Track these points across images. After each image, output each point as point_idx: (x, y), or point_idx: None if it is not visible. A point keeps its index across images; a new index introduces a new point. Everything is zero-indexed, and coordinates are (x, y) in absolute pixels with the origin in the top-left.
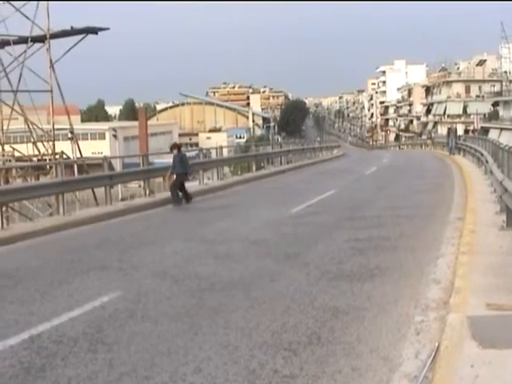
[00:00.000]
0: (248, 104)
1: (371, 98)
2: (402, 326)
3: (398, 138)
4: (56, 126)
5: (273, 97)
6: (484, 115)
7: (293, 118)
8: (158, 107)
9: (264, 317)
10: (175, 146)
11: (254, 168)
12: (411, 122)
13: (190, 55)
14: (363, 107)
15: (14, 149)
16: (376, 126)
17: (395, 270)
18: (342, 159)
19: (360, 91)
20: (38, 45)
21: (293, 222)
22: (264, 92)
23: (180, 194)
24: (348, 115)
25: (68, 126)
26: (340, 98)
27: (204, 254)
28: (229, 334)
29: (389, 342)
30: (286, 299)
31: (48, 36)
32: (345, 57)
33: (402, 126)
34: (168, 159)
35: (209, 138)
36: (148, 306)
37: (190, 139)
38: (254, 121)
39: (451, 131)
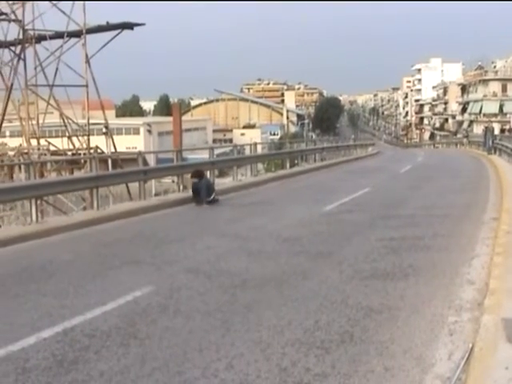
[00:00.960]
0: (282, 101)
1: (406, 96)
2: (435, 326)
3: (432, 136)
4: (91, 121)
5: (307, 94)
6: None
7: (327, 115)
8: (193, 103)
9: (296, 314)
10: (196, 174)
11: (287, 165)
12: (446, 120)
13: (225, 51)
14: (398, 105)
15: (49, 143)
16: (411, 124)
17: (429, 270)
18: (376, 157)
19: (395, 89)
20: (73, 40)
21: (326, 219)
22: (299, 89)
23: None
24: (383, 113)
25: (103, 121)
26: (375, 95)
27: (237, 250)
28: (261, 330)
29: (422, 342)
30: (318, 297)
31: (84, 31)
32: (380, 54)
33: (437, 125)
34: (202, 155)
35: (243, 134)
36: (180, 301)
37: (224, 135)
38: (288, 118)
39: (488, 130)
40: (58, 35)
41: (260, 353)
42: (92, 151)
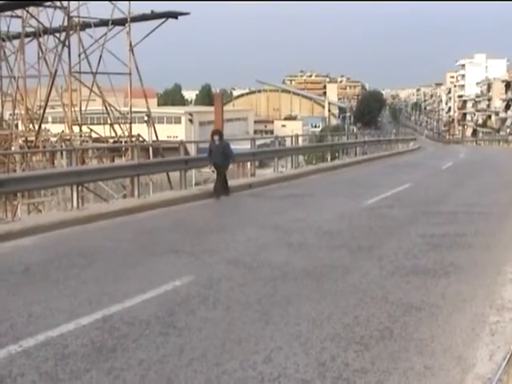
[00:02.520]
0: (324, 93)
1: (449, 92)
2: (476, 325)
3: (475, 133)
4: (133, 109)
5: (349, 87)
6: None
7: (369, 108)
8: (235, 93)
9: (336, 309)
10: (217, 133)
11: (328, 158)
12: (489, 117)
13: (268, 42)
14: (441, 101)
15: (91, 130)
16: (453, 120)
17: (470, 268)
18: (417, 152)
19: (438, 84)
20: (118, 28)
21: (367, 214)
22: (341, 82)
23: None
24: (425, 108)
25: (145, 109)
26: (418, 90)
27: (277, 242)
28: (300, 324)
29: (462, 341)
30: (358, 292)
31: (129, 19)
32: (424, 49)
33: (480, 121)
34: (243, 146)
35: (284, 125)
36: (220, 292)
37: (265, 126)
38: (329, 110)
39: None
40: (103, 23)
41: (299, 346)
42: (134, 139)
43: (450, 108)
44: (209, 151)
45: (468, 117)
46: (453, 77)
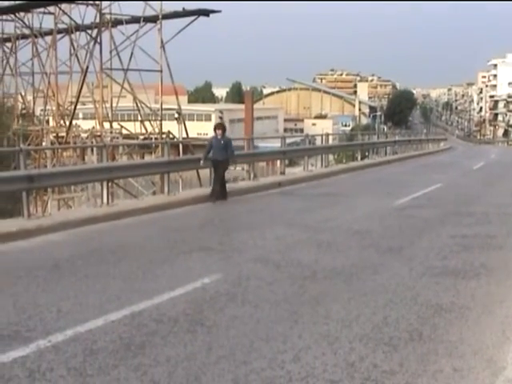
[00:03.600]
0: (355, 92)
1: (481, 92)
2: (506, 328)
3: (506, 133)
4: (163, 106)
5: (380, 86)
6: None
7: (400, 108)
8: (265, 91)
9: (365, 309)
10: (220, 127)
11: (358, 157)
12: None
13: (299, 40)
14: (472, 100)
15: (121, 126)
16: (484, 120)
17: (501, 270)
18: (448, 152)
19: (469, 84)
20: (149, 25)
21: (397, 213)
22: (372, 80)
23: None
24: (456, 108)
25: (175, 106)
26: (449, 89)
27: (306, 241)
28: (329, 324)
29: (493, 343)
30: (388, 292)
31: (160, 16)
32: (455, 48)
33: None
34: (273, 144)
35: (314, 124)
36: (248, 290)
37: (295, 125)
38: (360, 109)
39: None
40: (134, 20)
41: (327, 346)
42: (164, 136)
43: (481, 108)
44: (208, 146)
45: (499, 117)
46: (484, 76)
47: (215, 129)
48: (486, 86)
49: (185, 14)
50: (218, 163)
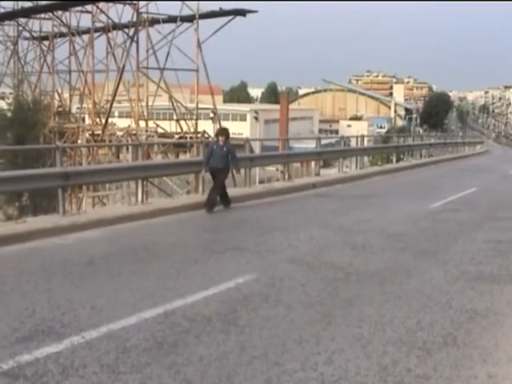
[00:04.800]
0: (391, 94)
1: None
2: None
3: None
4: (199, 105)
5: (416, 88)
6: None
7: (436, 110)
8: (300, 92)
9: (399, 312)
10: (223, 132)
11: (394, 159)
12: None
13: (335, 41)
14: (509, 104)
15: (157, 125)
16: None
17: None
18: (484, 156)
19: (507, 87)
20: (186, 24)
21: (432, 217)
22: (408, 82)
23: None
24: (493, 111)
25: (210, 106)
26: (486, 92)
27: (340, 243)
28: (362, 326)
29: None
30: (422, 296)
31: (197, 16)
32: (493, 49)
33: None
34: (307, 145)
35: (349, 125)
36: (282, 291)
37: (331, 126)
38: (395, 111)
39: None
40: (171, 19)
41: (360, 349)
42: (199, 135)
43: None
44: (209, 153)
45: None
46: None
47: (218, 135)
48: None
49: (221, 13)
50: (218, 171)
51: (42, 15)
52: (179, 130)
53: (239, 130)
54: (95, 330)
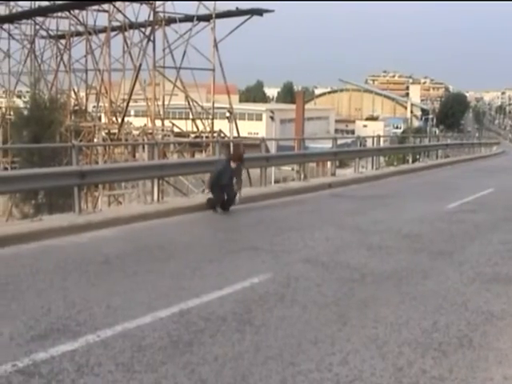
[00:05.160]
0: (407, 94)
1: None
2: None
3: None
4: (215, 105)
5: (433, 88)
6: None
7: (452, 111)
8: (316, 91)
9: (415, 313)
10: (239, 158)
11: (410, 160)
12: None
13: (351, 41)
14: None
15: (173, 124)
16: None
17: None
18: (500, 157)
19: None
20: (202, 24)
21: (448, 218)
22: (424, 83)
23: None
24: (510, 112)
25: (226, 105)
26: (503, 93)
27: (356, 243)
28: (378, 327)
29: None
30: (438, 297)
31: (214, 15)
32: (509, 51)
33: None
34: (323, 145)
35: (365, 126)
36: (297, 291)
37: (347, 126)
38: (412, 112)
39: None
40: (188, 18)
41: (376, 350)
42: (215, 135)
43: None
44: (218, 173)
45: None
46: None
47: (234, 160)
48: None
49: (238, 13)
50: (225, 187)
51: (59, 14)
52: (195, 130)
53: (255, 129)
54: (110, 328)
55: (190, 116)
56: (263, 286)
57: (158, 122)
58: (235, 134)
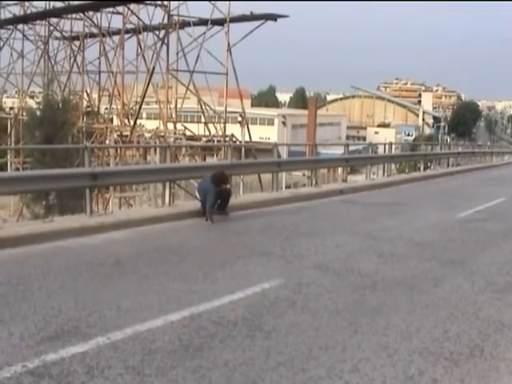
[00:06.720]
0: (419, 101)
1: None
2: None
3: None
4: (227, 109)
5: (445, 96)
6: None
7: (464, 119)
8: (329, 98)
9: (426, 322)
10: (226, 181)
11: (421, 167)
12: None
13: (364, 48)
14: None
15: (185, 127)
16: None
17: None
18: None
19: None
20: (216, 28)
21: (459, 226)
22: (436, 91)
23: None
24: None
25: (239, 109)
26: None
27: (367, 250)
28: (388, 335)
29: None
30: (449, 306)
31: (228, 20)
32: None
33: None
34: (334, 151)
35: (377, 132)
36: (308, 297)
37: (358, 132)
38: (423, 119)
39: None
40: (202, 22)
41: (387, 358)
42: (227, 139)
43: None
44: (216, 195)
45: None
46: None
47: (219, 182)
48: None
49: (252, 17)
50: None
51: (73, 15)
52: (207, 133)
53: (267, 134)
54: (121, 331)
55: (202, 120)
56: (274, 291)
57: (170, 125)
58: (247, 139)
